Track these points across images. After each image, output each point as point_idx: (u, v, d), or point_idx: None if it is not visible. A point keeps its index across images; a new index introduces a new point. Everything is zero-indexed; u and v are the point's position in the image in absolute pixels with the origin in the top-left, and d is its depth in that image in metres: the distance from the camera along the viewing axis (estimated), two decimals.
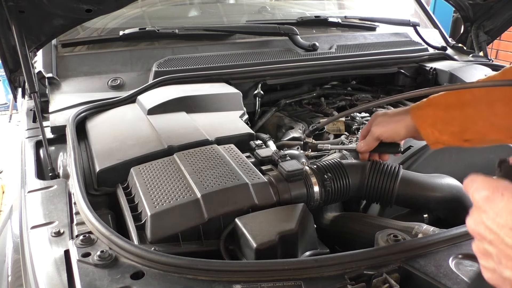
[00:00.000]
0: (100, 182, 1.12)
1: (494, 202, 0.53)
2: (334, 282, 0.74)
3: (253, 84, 1.77)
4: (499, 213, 0.52)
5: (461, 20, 2.33)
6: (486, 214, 0.54)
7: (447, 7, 2.96)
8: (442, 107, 1.00)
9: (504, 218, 0.52)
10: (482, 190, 0.55)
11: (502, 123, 0.94)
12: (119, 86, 1.69)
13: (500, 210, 0.52)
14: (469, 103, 0.97)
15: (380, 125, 1.09)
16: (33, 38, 1.34)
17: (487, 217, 0.54)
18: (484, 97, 0.95)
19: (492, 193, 0.54)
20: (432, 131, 1.01)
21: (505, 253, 0.52)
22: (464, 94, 0.98)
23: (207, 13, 2.31)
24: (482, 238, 0.55)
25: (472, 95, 0.97)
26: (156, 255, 0.78)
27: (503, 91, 0.93)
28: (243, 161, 1.10)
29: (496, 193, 0.53)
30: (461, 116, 0.98)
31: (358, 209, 1.26)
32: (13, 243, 1.05)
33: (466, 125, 0.98)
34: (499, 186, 0.54)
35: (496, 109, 0.94)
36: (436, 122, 1.00)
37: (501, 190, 0.53)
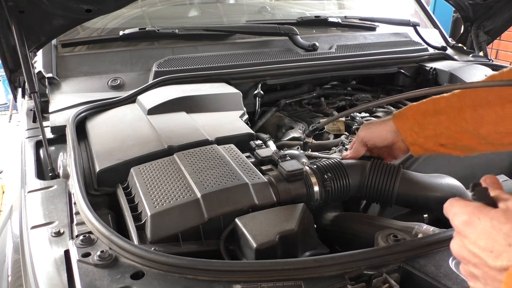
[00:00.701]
0: (100, 182, 1.12)
1: (472, 226, 0.56)
2: (334, 282, 0.75)
3: (253, 84, 1.77)
4: (478, 237, 0.55)
5: (461, 20, 2.33)
6: (467, 239, 0.57)
7: (447, 7, 2.96)
8: (420, 112, 1.07)
9: (484, 242, 0.54)
10: (460, 215, 0.58)
11: (472, 129, 0.99)
12: (119, 86, 1.69)
13: (479, 234, 0.55)
14: (443, 109, 1.03)
15: (365, 129, 1.15)
16: (33, 38, 1.34)
17: (469, 242, 0.56)
18: (456, 103, 1.01)
19: (470, 218, 0.57)
20: (410, 133, 1.07)
21: (489, 275, 0.54)
22: (440, 101, 1.05)
23: (207, 13, 2.31)
24: (467, 262, 0.58)
25: (446, 101, 1.04)
26: (156, 255, 0.78)
27: (473, 98, 0.99)
28: (243, 161, 1.10)
29: (473, 218, 0.56)
30: (435, 121, 1.04)
31: (358, 209, 1.26)
32: (13, 243, 1.05)
33: (440, 129, 1.03)
34: (475, 211, 0.57)
35: (465, 115, 1.00)
36: (414, 125, 1.07)
37: (477, 215, 0.56)
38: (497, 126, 0.96)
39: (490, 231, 0.54)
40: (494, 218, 0.55)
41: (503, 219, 0.54)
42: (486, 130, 0.98)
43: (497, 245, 0.53)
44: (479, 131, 0.98)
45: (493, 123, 0.96)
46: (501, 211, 0.56)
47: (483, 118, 0.97)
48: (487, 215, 0.56)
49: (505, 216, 0.54)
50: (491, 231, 0.54)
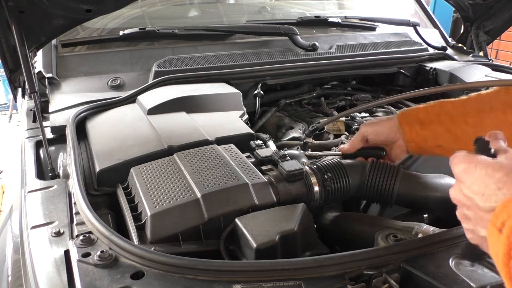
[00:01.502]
0: (100, 182, 1.12)
1: (469, 173, 0.63)
2: (334, 282, 0.74)
3: (253, 84, 1.77)
4: (473, 182, 0.61)
5: (461, 20, 2.33)
6: (464, 184, 0.63)
7: (447, 7, 2.96)
8: (424, 111, 1.10)
9: (477, 187, 0.60)
10: (460, 164, 0.65)
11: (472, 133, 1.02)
12: (119, 86, 1.69)
13: (474, 180, 0.61)
14: (447, 112, 1.06)
15: (367, 125, 1.18)
16: (33, 38, 1.34)
17: (465, 186, 0.63)
18: (461, 107, 1.05)
19: (468, 166, 0.63)
20: (411, 130, 1.10)
21: (479, 215, 0.60)
22: (445, 104, 1.08)
23: (207, 13, 2.31)
24: (462, 205, 0.65)
25: (452, 105, 1.07)
26: (156, 255, 0.78)
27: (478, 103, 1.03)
28: (243, 161, 1.10)
29: (470, 166, 0.63)
30: (437, 121, 1.07)
31: (358, 209, 1.26)
32: (13, 243, 1.05)
33: (441, 130, 1.06)
34: (473, 160, 0.63)
35: (467, 119, 1.03)
36: (415, 122, 1.09)
37: (475, 163, 0.62)
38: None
39: (484, 177, 0.60)
40: (489, 167, 0.60)
41: (497, 167, 0.60)
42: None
43: (488, 189, 0.59)
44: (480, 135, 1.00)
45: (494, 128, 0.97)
46: (496, 161, 0.62)
47: (484, 122, 1.00)
48: (483, 163, 0.62)
49: (499, 165, 0.60)
50: (484, 178, 0.60)
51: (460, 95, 1.82)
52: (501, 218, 0.54)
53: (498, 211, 0.55)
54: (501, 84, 0.96)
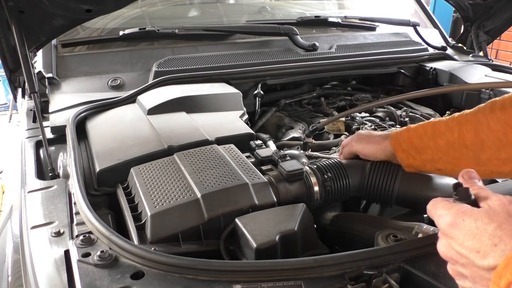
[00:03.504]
0: (100, 182, 1.12)
1: (458, 228, 0.58)
2: (334, 282, 0.74)
3: (253, 84, 1.77)
4: (465, 238, 0.57)
5: (461, 20, 2.33)
6: (454, 240, 0.59)
7: (447, 7, 2.97)
8: (417, 136, 1.05)
9: (470, 242, 0.56)
10: (445, 217, 0.60)
11: (472, 155, 0.99)
12: (119, 86, 1.69)
13: (465, 235, 0.57)
14: (442, 134, 1.02)
15: (361, 143, 1.15)
16: (33, 38, 1.34)
17: (455, 243, 0.58)
18: (456, 127, 1.01)
19: (454, 220, 0.59)
20: (407, 156, 1.06)
21: (478, 274, 0.56)
22: (439, 125, 1.04)
23: (207, 13, 2.31)
24: (455, 262, 0.60)
25: (445, 126, 1.03)
26: (156, 255, 0.78)
27: (474, 123, 0.99)
28: (243, 161, 1.10)
29: (457, 219, 0.58)
30: (433, 145, 1.03)
31: (358, 209, 1.26)
32: (13, 243, 1.05)
33: (438, 155, 1.03)
34: (459, 212, 0.59)
35: (466, 141, 0.99)
36: (411, 148, 1.06)
37: (462, 216, 0.58)
38: (499, 152, 0.96)
39: (476, 232, 0.56)
40: (478, 219, 0.57)
41: (486, 219, 0.56)
42: (487, 155, 0.97)
43: (483, 245, 0.55)
44: (480, 157, 0.98)
45: (495, 149, 0.96)
46: (484, 211, 0.58)
47: (484, 143, 0.97)
48: (471, 216, 0.58)
49: (488, 216, 0.56)
50: (476, 232, 0.56)
51: (460, 95, 1.84)
52: (505, 278, 0.50)
53: (500, 271, 0.51)
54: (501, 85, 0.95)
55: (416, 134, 1.06)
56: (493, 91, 1.68)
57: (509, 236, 0.54)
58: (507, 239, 0.54)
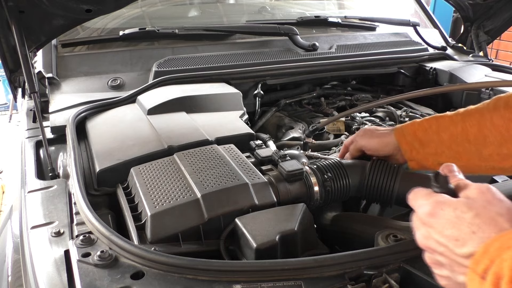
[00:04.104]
0: (100, 182, 1.12)
1: (437, 217, 0.59)
2: (334, 282, 0.74)
3: (253, 84, 1.77)
4: (444, 226, 0.58)
5: (461, 20, 2.33)
6: (433, 229, 0.59)
7: (447, 7, 2.97)
8: (422, 129, 1.06)
9: (450, 231, 0.57)
10: (424, 207, 0.61)
11: (475, 149, 1.00)
12: (119, 86, 1.69)
13: (444, 224, 0.58)
14: (446, 128, 1.03)
15: (365, 138, 1.15)
16: (33, 38, 1.34)
17: (434, 232, 0.59)
18: (460, 122, 1.02)
19: (434, 209, 0.60)
20: (410, 149, 1.07)
21: (456, 262, 0.57)
22: (443, 119, 1.05)
23: (207, 13, 2.31)
24: (433, 251, 0.61)
25: (450, 120, 1.04)
26: (156, 255, 0.78)
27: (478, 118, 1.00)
28: (243, 161, 1.10)
29: (437, 209, 0.59)
30: (437, 139, 1.04)
31: (358, 209, 1.26)
32: (13, 243, 1.05)
33: (441, 148, 1.03)
34: (438, 201, 0.60)
35: (469, 136, 1.00)
36: (415, 141, 1.07)
37: (441, 205, 0.59)
38: (501, 147, 0.97)
39: (455, 220, 0.57)
40: (457, 208, 0.58)
41: (465, 208, 0.57)
42: (489, 151, 0.98)
43: (462, 233, 0.56)
44: (482, 152, 0.99)
45: (497, 144, 0.97)
46: (462, 201, 0.59)
47: (487, 139, 0.98)
48: (450, 205, 0.59)
49: (466, 205, 0.58)
50: (455, 221, 0.57)
51: (460, 95, 1.84)
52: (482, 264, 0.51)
53: (478, 257, 0.52)
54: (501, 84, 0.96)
55: (420, 127, 1.07)
56: (493, 91, 1.68)
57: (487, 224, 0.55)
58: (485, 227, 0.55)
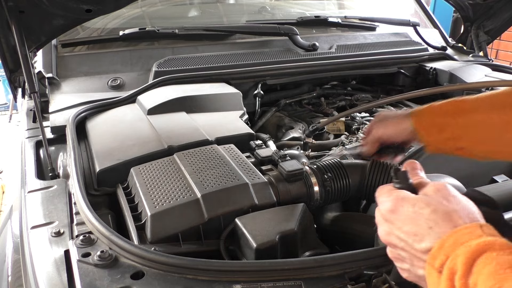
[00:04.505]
0: (100, 182, 1.12)
1: (397, 213, 0.61)
2: (334, 282, 0.75)
3: (253, 84, 1.77)
4: (403, 222, 0.60)
5: (461, 20, 2.33)
6: (394, 225, 0.62)
7: (447, 7, 2.96)
8: (440, 113, 1.04)
9: (409, 227, 0.59)
10: (386, 203, 0.64)
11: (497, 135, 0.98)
12: (119, 86, 1.69)
13: (404, 220, 0.60)
14: (465, 112, 1.01)
15: (381, 127, 1.12)
16: (33, 38, 1.34)
17: (395, 228, 0.61)
18: (480, 107, 1.00)
19: (394, 206, 0.62)
20: (428, 133, 1.05)
21: (415, 257, 0.59)
22: (463, 103, 1.03)
23: (207, 13, 2.31)
24: (394, 246, 0.63)
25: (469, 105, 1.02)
26: (156, 255, 0.78)
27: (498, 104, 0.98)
28: (243, 161, 1.10)
29: (397, 205, 0.61)
30: (455, 123, 1.01)
31: (358, 209, 1.26)
32: (13, 243, 1.05)
33: (459, 133, 1.01)
34: (398, 198, 0.62)
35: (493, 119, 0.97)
36: (432, 126, 1.04)
37: (400, 202, 0.61)
38: None
39: (413, 216, 0.59)
40: (415, 204, 0.60)
41: (422, 204, 0.59)
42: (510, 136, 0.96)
43: (420, 229, 0.58)
44: (504, 137, 0.97)
45: None
46: (420, 197, 0.61)
47: (509, 124, 0.96)
48: (409, 201, 0.61)
49: (423, 201, 0.60)
50: (413, 216, 0.59)
51: (460, 95, 1.84)
52: (439, 259, 0.53)
53: (435, 252, 0.54)
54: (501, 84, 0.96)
55: (438, 111, 1.04)
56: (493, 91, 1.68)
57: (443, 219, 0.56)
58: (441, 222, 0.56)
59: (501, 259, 0.48)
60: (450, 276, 0.51)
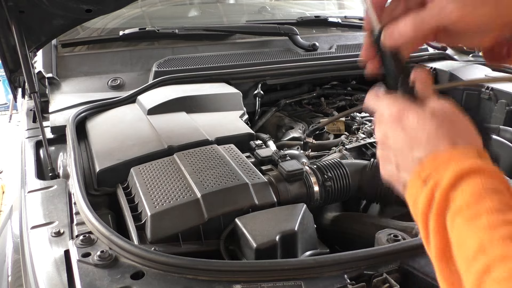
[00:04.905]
0: (100, 182, 1.12)
1: (400, 121, 0.59)
2: (334, 282, 0.74)
3: (253, 84, 1.78)
4: (404, 130, 0.58)
5: None
6: (393, 130, 0.60)
7: None
8: None
9: (409, 135, 0.58)
10: (390, 108, 0.61)
11: None
12: (119, 86, 1.69)
13: (405, 129, 0.58)
14: None
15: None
16: (33, 38, 1.34)
17: (395, 132, 0.59)
18: None
19: (399, 114, 0.59)
20: None
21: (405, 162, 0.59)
22: None
23: (207, 13, 2.31)
24: (388, 148, 0.62)
25: None
26: (156, 255, 0.78)
27: None
28: (243, 161, 1.10)
29: (402, 114, 0.59)
30: None
31: (358, 209, 1.26)
32: (13, 243, 1.05)
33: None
34: (404, 107, 0.59)
35: None
36: None
37: (406, 112, 0.59)
38: None
39: (416, 127, 0.57)
40: (421, 118, 0.57)
41: (427, 119, 0.57)
42: None
43: (419, 139, 0.56)
44: None
45: None
46: (426, 112, 0.58)
47: None
48: (415, 114, 0.58)
49: (429, 117, 0.57)
50: (416, 127, 0.57)
51: (460, 95, 1.84)
52: (427, 170, 0.53)
53: (426, 163, 0.54)
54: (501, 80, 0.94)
55: None
56: (493, 91, 1.68)
57: (443, 137, 0.55)
58: (441, 139, 0.55)
59: (487, 183, 0.49)
60: (433, 187, 0.51)
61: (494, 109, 1.66)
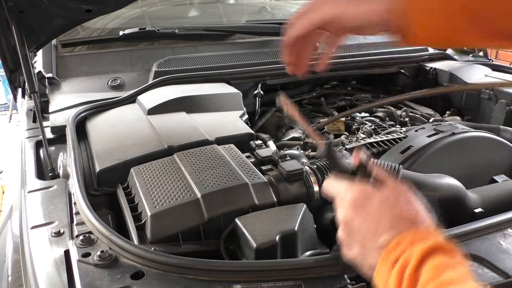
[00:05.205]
0: (100, 182, 1.12)
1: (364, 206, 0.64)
2: (334, 282, 0.75)
3: (253, 84, 1.78)
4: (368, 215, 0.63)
5: None
6: (358, 215, 0.65)
7: None
8: None
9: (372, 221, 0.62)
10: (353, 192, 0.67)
11: None
12: (119, 86, 1.69)
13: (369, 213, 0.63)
14: None
15: None
16: (33, 38, 1.34)
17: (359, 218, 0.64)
18: None
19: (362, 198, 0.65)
20: None
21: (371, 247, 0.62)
22: None
23: (207, 13, 2.31)
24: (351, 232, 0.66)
25: None
26: (156, 255, 0.78)
27: None
28: (243, 161, 1.10)
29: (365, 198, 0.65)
30: None
31: None
32: (13, 243, 1.05)
33: None
34: (367, 191, 0.66)
35: None
36: None
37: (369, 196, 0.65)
38: None
39: (378, 212, 0.63)
40: (382, 202, 0.63)
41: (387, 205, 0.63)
42: None
43: (382, 225, 0.61)
44: None
45: None
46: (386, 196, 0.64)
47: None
48: (377, 198, 0.64)
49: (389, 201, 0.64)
50: (378, 213, 0.63)
51: (460, 95, 1.84)
52: (396, 252, 0.57)
53: (391, 247, 0.58)
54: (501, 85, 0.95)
55: None
56: (493, 91, 1.68)
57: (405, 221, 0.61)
58: (403, 223, 0.61)
59: (445, 260, 0.55)
60: (402, 269, 0.55)
61: (494, 109, 1.67)
